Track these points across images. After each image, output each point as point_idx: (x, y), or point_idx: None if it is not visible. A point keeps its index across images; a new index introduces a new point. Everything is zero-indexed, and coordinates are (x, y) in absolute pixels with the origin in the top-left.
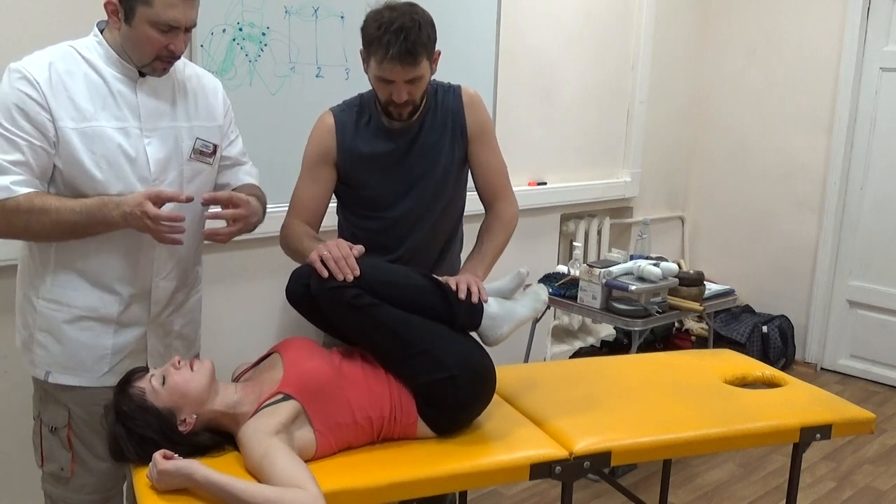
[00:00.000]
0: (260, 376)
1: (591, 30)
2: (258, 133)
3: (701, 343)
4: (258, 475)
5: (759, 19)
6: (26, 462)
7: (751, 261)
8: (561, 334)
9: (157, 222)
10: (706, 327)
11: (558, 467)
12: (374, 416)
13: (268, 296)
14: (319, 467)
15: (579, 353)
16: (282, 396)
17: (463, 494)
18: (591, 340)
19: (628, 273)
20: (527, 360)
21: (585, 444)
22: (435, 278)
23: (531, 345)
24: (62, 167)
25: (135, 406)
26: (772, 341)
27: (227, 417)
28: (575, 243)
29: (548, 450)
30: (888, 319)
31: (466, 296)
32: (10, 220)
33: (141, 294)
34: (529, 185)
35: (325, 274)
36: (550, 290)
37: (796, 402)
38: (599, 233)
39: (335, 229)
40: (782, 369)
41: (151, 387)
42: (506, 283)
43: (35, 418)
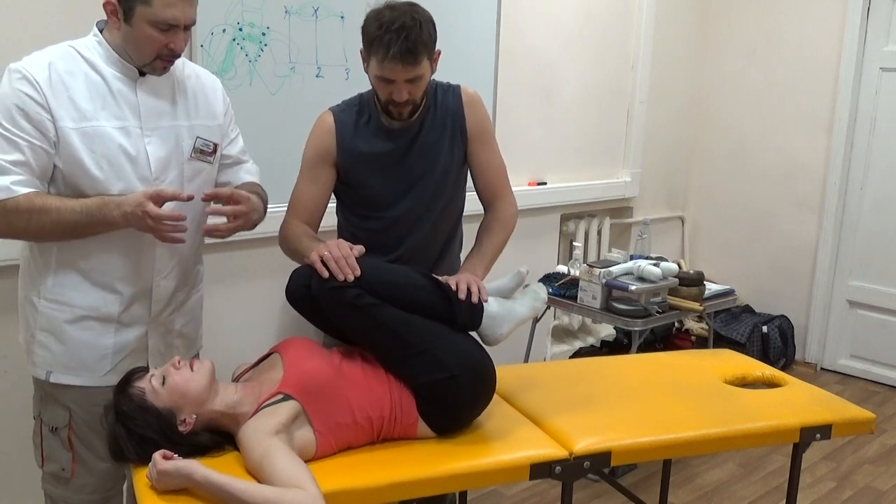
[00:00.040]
0: (260, 376)
1: (591, 30)
2: (258, 133)
3: (701, 343)
4: (258, 475)
5: (759, 19)
6: (26, 462)
7: (751, 261)
8: (561, 334)
9: (158, 222)
10: (706, 327)
11: (558, 467)
12: (374, 416)
13: (268, 296)
14: (319, 467)
15: (579, 353)
16: (282, 396)
17: (463, 494)
18: (591, 340)
19: (628, 273)
20: (527, 360)
21: (585, 444)
22: (435, 278)
23: (531, 345)
24: (63, 167)
25: (135, 406)
26: (772, 341)
27: (227, 417)
28: (575, 243)
29: (548, 450)
30: (888, 319)
31: (467, 295)
32: (10, 221)
33: (142, 293)
34: (529, 185)
35: (325, 274)
36: (550, 290)
37: (796, 402)
38: (599, 233)
39: (335, 229)
40: (782, 369)
41: (151, 387)
42: (505, 282)
43: (35, 418)
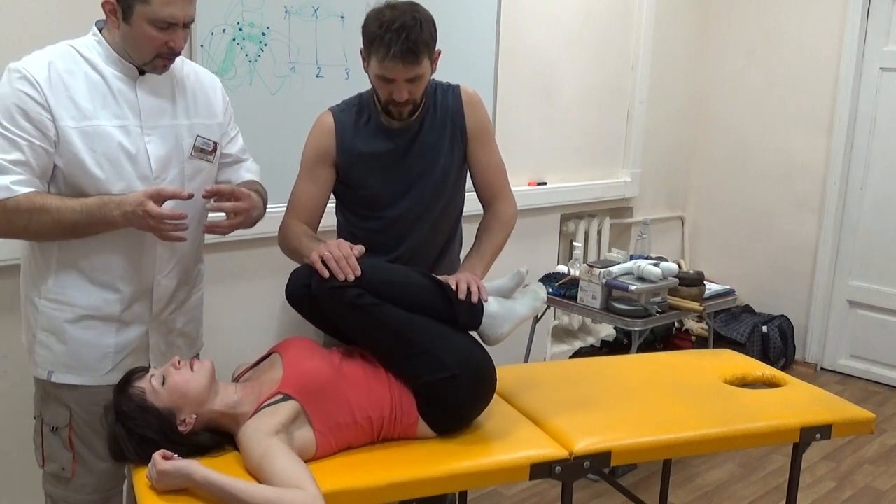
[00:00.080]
0: (260, 376)
1: (591, 30)
2: (258, 133)
3: (701, 343)
4: (258, 475)
5: (759, 19)
6: (26, 462)
7: (751, 261)
8: (561, 334)
9: (159, 220)
10: (706, 327)
11: (558, 467)
12: (374, 415)
13: (268, 296)
14: (319, 467)
15: (579, 353)
16: (281, 396)
17: (463, 494)
18: (591, 340)
19: (628, 273)
20: (527, 360)
21: (585, 444)
22: (435, 278)
23: (531, 345)
24: (63, 166)
25: (135, 406)
26: (772, 341)
27: (227, 417)
28: (575, 243)
29: (548, 450)
30: (888, 319)
31: (467, 295)
32: (10, 220)
33: (143, 292)
34: (529, 185)
35: (325, 274)
36: (550, 290)
37: (796, 402)
38: (599, 233)
39: (334, 229)
40: (782, 369)
41: (151, 387)
42: (505, 282)
43: (36, 418)
